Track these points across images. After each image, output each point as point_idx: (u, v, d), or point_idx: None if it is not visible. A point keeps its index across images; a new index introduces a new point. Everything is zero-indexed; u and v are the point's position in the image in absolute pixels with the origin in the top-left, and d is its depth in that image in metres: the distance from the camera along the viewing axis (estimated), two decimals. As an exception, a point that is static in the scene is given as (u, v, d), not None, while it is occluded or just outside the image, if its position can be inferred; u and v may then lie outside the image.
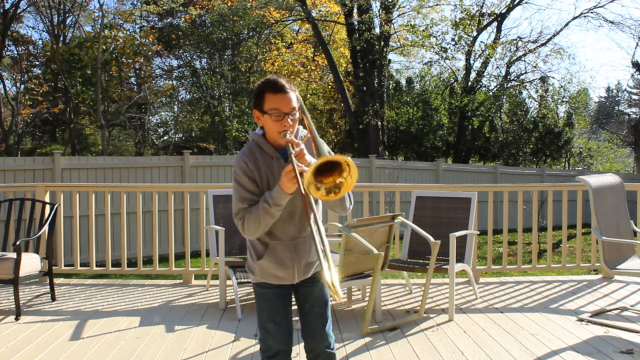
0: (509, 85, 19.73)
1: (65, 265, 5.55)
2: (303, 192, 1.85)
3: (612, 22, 18.71)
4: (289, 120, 2.00)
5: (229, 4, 16.83)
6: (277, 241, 2.09)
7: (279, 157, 2.07)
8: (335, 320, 4.00)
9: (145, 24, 18.44)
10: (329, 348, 2.18)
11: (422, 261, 4.53)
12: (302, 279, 2.15)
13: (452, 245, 4.07)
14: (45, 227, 4.56)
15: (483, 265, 5.55)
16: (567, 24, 19.21)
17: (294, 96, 2.02)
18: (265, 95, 2.00)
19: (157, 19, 18.33)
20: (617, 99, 32.60)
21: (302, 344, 2.23)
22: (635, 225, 4.63)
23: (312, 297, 2.17)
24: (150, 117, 18.94)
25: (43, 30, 18.07)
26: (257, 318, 2.19)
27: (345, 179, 1.81)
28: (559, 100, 20.24)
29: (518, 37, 19.99)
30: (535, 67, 19.32)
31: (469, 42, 18.19)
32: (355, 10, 15.64)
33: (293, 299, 2.21)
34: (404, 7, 16.61)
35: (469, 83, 18.87)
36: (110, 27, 15.42)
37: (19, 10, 14.97)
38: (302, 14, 15.56)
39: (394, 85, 20.66)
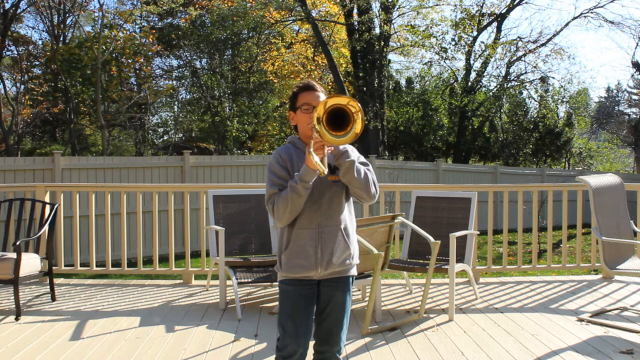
0: (509, 86, 19.72)
1: (65, 266, 5.55)
2: (316, 131, 1.93)
3: (612, 22, 18.75)
4: None
5: (228, 5, 16.83)
6: (303, 229, 2.14)
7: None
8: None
9: (145, 24, 18.42)
10: (339, 353, 2.22)
11: (422, 261, 4.53)
12: (326, 273, 2.16)
13: (452, 246, 4.07)
14: (45, 227, 4.56)
15: (483, 265, 5.55)
16: (567, 24, 19.23)
17: (323, 97, 2.17)
18: (298, 95, 2.21)
19: (157, 19, 18.31)
20: (617, 99, 32.62)
21: (311, 341, 2.24)
22: (635, 225, 4.62)
23: (333, 300, 2.20)
24: (150, 117, 18.93)
25: (43, 30, 18.07)
26: (278, 315, 2.22)
27: (356, 121, 1.95)
28: (559, 100, 20.23)
29: (518, 37, 20.02)
30: (535, 67, 19.32)
31: (469, 42, 18.19)
32: (355, 11, 15.64)
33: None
34: (403, 7, 16.63)
35: (469, 83, 18.86)
36: (110, 27, 15.42)
37: (19, 10, 14.97)
38: (302, 14, 15.56)
39: (394, 85, 20.64)
